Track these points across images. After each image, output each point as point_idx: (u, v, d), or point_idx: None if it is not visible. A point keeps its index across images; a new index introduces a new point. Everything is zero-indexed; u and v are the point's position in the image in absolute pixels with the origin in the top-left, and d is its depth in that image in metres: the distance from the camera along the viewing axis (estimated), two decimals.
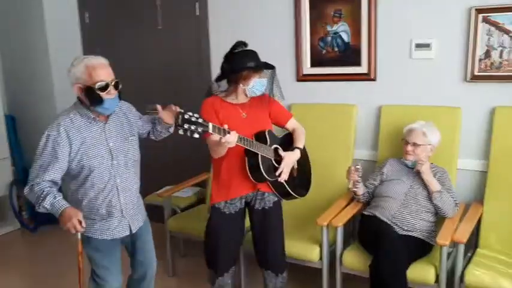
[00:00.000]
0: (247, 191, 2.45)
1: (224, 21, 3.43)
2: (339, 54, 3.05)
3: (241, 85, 2.35)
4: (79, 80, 1.97)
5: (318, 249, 2.61)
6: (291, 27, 3.17)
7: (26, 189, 2.01)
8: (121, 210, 2.16)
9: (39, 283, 3.21)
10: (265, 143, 2.35)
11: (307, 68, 3.17)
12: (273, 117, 2.53)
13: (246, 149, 2.25)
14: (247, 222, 2.56)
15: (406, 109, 2.86)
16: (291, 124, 2.58)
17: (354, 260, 2.51)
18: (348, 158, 2.98)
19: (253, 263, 2.67)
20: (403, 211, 2.53)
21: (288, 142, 2.53)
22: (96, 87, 1.96)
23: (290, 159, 2.41)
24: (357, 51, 2.98)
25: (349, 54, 3.01)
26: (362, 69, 2.98)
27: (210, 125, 2.00)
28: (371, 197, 2.75)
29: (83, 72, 1.96)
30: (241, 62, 2.30)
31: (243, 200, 2.48)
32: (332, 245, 2.64)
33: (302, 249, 2.65)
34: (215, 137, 2.08)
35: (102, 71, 1.99)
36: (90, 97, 1.99)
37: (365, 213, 2.67)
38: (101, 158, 2.06)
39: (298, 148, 2.47)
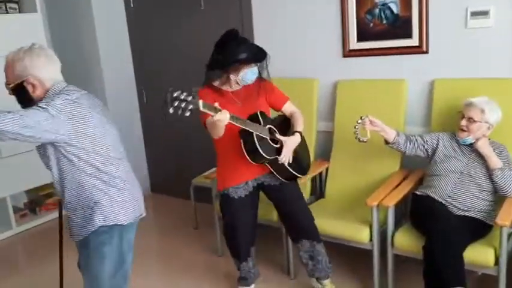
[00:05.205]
0: (255, 175, 2.44)
1: None
2: (387, 27, 2.91)
3: (232, 75, 2.32)
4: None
5: (368, 230, 2.54)
6: (336, 1, 3.05)
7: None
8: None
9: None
10: (259, 123, 2.31)
11: (354, 43, 3.05)
12: (269, 101, 2.50)
13: (241, 129, 2.21)
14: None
15: (461, 83, 2.70)
16: (288, 108, 2.55)
17: (406, 242, 2.43)
18: None
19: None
20: (459, 190, 2.42)
21: (283, 124, 2.50)
22: None
23: (292, 143, 2.39)
24: (407, 23, 2.82)
25: (399, 26, 2.86)
26: (413, 41, 2.83)
27: (200, 102, 1.92)
28: (416, 149, 2.61)
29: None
30: (232, 53, 2.24)
31: (255, 182, 2.48)
32: (383, 225, 2.56)
33: (351, 230, 2.59)
34: (207, 115, 2.02)
35: None
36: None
37: (417, 192, 2.57)
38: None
39: (298, 132, 2.45)
